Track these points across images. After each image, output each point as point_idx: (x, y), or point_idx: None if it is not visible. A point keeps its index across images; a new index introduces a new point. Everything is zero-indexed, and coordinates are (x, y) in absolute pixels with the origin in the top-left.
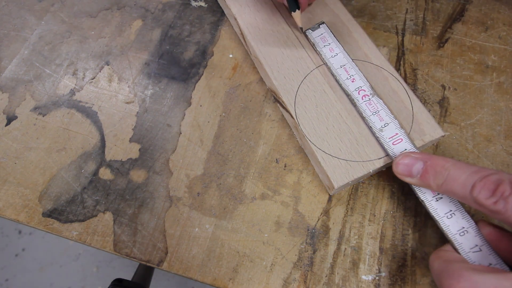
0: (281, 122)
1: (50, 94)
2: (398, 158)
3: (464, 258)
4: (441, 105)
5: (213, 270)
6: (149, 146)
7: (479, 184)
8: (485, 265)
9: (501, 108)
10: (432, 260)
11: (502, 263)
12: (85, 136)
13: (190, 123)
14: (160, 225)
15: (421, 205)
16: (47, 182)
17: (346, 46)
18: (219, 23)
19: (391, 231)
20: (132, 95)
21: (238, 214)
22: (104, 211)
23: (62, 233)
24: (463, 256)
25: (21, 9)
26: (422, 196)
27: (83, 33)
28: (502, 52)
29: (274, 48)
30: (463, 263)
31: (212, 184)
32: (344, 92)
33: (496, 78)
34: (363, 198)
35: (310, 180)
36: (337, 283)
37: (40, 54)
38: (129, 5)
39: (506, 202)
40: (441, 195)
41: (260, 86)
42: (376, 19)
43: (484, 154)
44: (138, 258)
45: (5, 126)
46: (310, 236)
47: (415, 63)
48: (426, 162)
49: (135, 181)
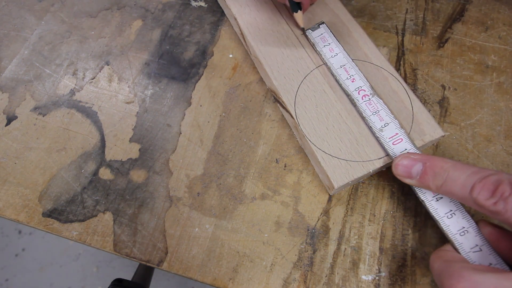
0: (281, 122)
1: (50, 94)
2: (397, 160)
3: (464, 258)
4: (441, 105)
5: (213, 270)
6: (149, 146)
7: (479, 185)
8: (485, 265)
9: (501, 108)
10: (432, 260)
11: (502, 262)
12: (85, 136)
13: (190, 123)
14: (160, 225)
15: (421, 205)
16: (47, 182)
17: (346, 46)
18: (219, 23)
19: (391, 231)
20: (132, 95)
21: (238, 214)
22: (104, 211)
23: (62, 233)
24: (463, 256)
25: (21, 9)
26: (422, 196)
27: (83, 33)
28: (502, 52)
29: (274, 48)
30: (463, 263)
31: (212, 184)
32: (344, 92)
33: (496, 78)
34: (363, 198)
35: (310, 180)
36: (337, 283)
37: (40, 54)
38: (129, 5)
39: (506, 202)
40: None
41: (260, 86)
42: (376, 19)
43: (484, 154)
44: (138, 258)
45: (5, 126)
46: (310, 236)
47: (415, 63)
48: (425, 163)
49: (135, 181)
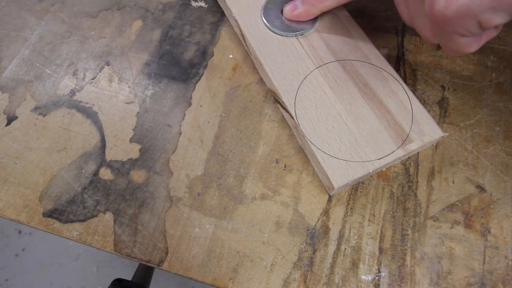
0: (281, 123)
1: (50, 94)
2: (285, 9)
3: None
4: (440, 105)
5: (213, 270)
6: (150, 146)
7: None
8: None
9: (500, 108)
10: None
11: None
12: (86, 136)
13: (190, 123)
14: (160, 225)
15: (420, 205)
16: (48, 182)
17: (346, 47)
18: (219, 23)
19: (390, 231)
20: (133, 95)
21: (238, 214)
22: (105, 211)
23: (63, 233)
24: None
25: (21, 9)
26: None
27: (84, 33)
28: (502, 53)
29: (274, 49)
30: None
31: (212, 184)
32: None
33: (495, 79)
34: (362, 198)
35: (310, 181)
36: (337, 283)
37: (41, 54)
38: (129, 6)
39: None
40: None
41: (260, 87)
42: (376, 19)
43: (483, 155)
44: (138, 258)
45: (5, 126)
46: (310, 236)
47: (414, 63)
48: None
49: (135, 181)
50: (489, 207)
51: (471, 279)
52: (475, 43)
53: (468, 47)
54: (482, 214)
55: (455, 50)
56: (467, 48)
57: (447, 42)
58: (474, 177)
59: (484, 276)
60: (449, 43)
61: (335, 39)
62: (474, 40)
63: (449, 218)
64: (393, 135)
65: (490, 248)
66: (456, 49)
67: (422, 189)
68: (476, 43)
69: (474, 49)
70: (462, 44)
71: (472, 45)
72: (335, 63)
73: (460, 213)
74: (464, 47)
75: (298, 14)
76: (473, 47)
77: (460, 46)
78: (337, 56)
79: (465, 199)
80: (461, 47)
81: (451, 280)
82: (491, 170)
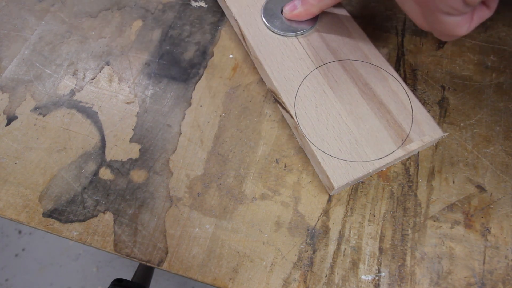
0: (281, 123)
1: (50, 94)
2: (285, 9)
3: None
4: (440, 105)
5: (213, 270)
6: (149, 146)
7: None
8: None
9: (500, 108)
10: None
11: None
12: (86, 136)
13: (190, 123)
14: (160, 225)
15: (420, 205)
16: (48, 182)
17: (346, 46)
18: (219, 23)
19: (390, 231)
20: (133, 95)
21: (238, 214)
22: (105, 211)
23: (63, 233)
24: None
25: (21, 9)
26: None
27: (83, 33)
28: (502, 53)
29: (274, 49)
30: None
31: (212, 184)
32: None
33: (495, 79)
34: (362, 198)
35: (310, 181)
36: (337, 283)
37: (41, 54)
38: (129, 6)
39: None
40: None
41: (260, 87)
42: (376, 19)
43: (483, 155)
44: (138, 258)
45: (5, 126)
46: (310, 236)
47: (414, 63)
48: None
49: (135, 181)
50: (489, 207)
51: (471, 279)
52: (465, 24)
53: (458, 29)
54: (482, 214)
55: (446, 33)
56: (456, 29)
57: (435, 24)
58: (474, 177)
59: (484, 276)
60: (438, 25)
61: (335, 39)
62: (463, 20)
63: (449, 218)
64: (393, 135)
65: (490, 248)
66: (446, 32)
67: (422, 189)
68: (466, 24)
69: (466, 31)
70: (451, 25)
71: (462, 26)
72: (335, 63)
73: (460, 213)
74: (453, 28)
75: (297, 13)
76: (463, 28)
77: (449, 28)
78: (337, 56)
79: (465, 199)
80: (450, 29)
81: (451, 280)
82: (491, 170)
